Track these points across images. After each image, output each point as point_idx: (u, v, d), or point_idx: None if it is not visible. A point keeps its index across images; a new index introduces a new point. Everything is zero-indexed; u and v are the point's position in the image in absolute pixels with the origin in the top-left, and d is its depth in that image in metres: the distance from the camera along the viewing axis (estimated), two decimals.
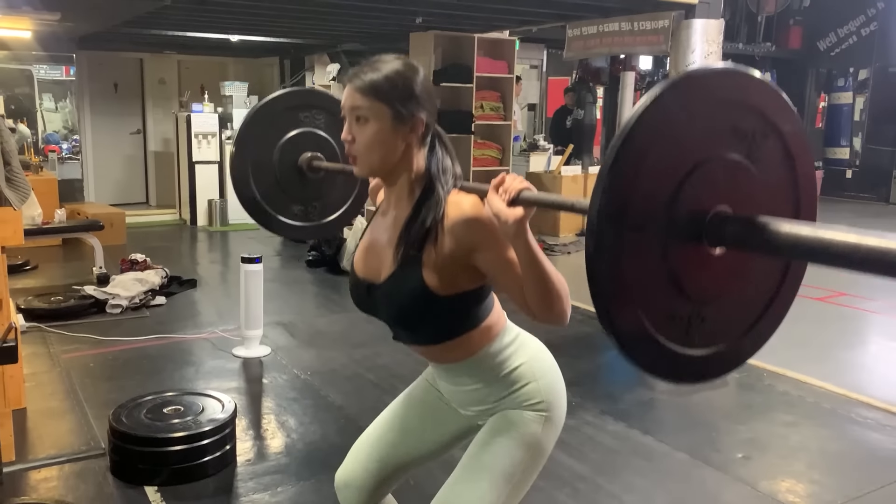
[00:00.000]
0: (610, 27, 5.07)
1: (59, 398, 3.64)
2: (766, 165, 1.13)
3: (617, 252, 1.04)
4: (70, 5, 4.98)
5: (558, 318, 1.39)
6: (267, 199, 2.18)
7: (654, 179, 1.03)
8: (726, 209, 1.09)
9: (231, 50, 9.38)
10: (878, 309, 5.66)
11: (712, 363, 1.20)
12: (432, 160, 1.52)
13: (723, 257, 1.11)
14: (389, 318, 1.57)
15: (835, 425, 3.53)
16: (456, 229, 1.43)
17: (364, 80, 1.47)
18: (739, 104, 1.09)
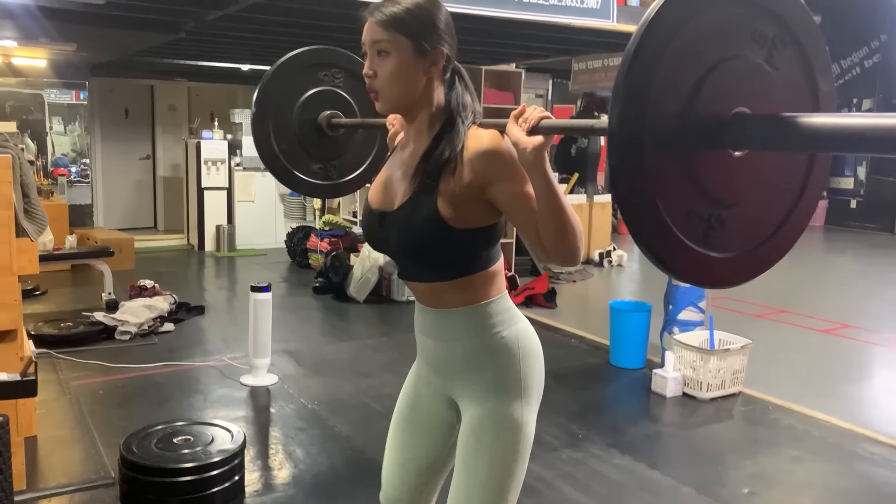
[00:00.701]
0: (615, 61, 5.15)
1: (69, 426, 3.67)
2: (786, 73, 1.14)
3: (637, 150, 1.05)
4: (86, 36, 5.08)
5: (572, 254, 1.40)
6: (287, 156, 2.20)
7: (672, 77, 1.04)
8: (746, 111, 1.10)
9: (241, 78, 9.52)
10: (882, 341, 5.67)
11: (730, 268, 1.22)
12: (452, 95, 1.53)
13: (743, 161, 1.12)
14: (399, 246, 1.55)
15: (841, 461, 3.54)
16: (475, 161, 1.44)
17: (385, 13, 1.47)
18: (759, 7, 1.10)
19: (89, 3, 3.75)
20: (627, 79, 1.03)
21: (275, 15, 4.09)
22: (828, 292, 7.41)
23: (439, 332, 1.62)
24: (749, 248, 1.22)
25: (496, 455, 1.55)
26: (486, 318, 1.57)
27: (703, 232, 1.15)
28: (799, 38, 1.15)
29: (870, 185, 12.18)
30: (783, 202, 1.24)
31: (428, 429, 1.73)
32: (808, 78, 1.18)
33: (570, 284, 7.34)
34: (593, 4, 3.87)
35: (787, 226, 1.25)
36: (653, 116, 1.05)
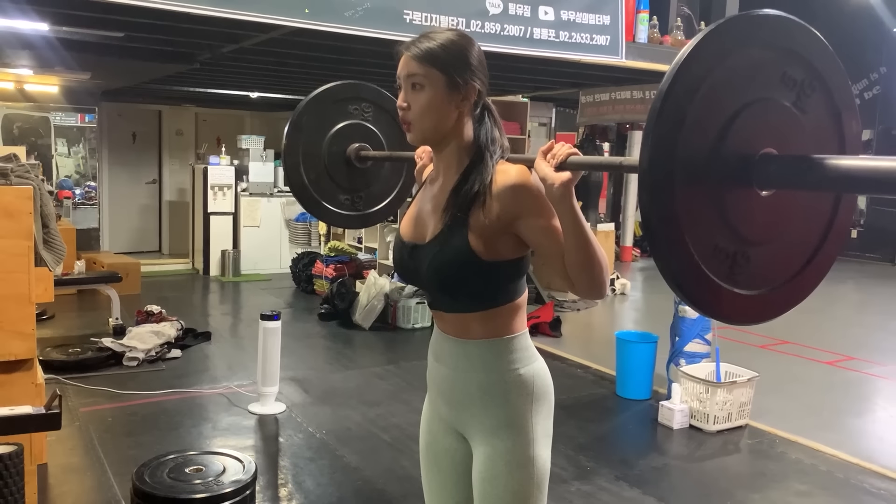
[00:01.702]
0: (622, 95, 5.23)
1: (80, 454, 3.68)
2: (814, 116, 1.16)
3: (666, 186, 1.07)
4: (102, 66, 5.16)
5: (598, 287, 1.42)
6: (316, 186, 2.25)
7: (703, 116, 1.06)
8: (774, 151, 1.12)
9: (248, 105, 9.62)
10: (886, 374, 5.69)
11: (755, 305, 1.23)
12: (482, 130, 1.57)
13: (770, 200, 1.13)
14: (430, 278, 1.58)
15: (848, 496, 3.54)
16: (503, 195, 1.48)
17: (420, 48, 1.52)
18: (789, 52, 1.12)
19: (108, 35, 3.82)
20: (658, 118, 1.05)
21: (289, 48, 4.16)
22: (831, 323, 7.43)
23: (457, 361, 1.64)
24: (775, 286, 1.24)
25: (513, 495, 1.57)
26: (507, 354, 1.59)
27: (729, 269, 1.17)
28: (826, 83, 1.17)
29: (871, 215, 12.26)
30: (809, 241, 1.26)
31: (451, 466, 1.75)
32: (835, 121, 1.21)
33: (575, 313, 7.37)
34: (602, 42, 3.95)
35: (813, 265, 1.27)
36: (682, 155, 1.08)
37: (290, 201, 9.23)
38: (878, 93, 11.82)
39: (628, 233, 10.90)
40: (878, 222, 12.00)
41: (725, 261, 1.17)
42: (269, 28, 3.36)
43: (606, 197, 12.14)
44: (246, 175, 9.06)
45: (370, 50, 4.12)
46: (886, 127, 11.86)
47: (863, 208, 12.59)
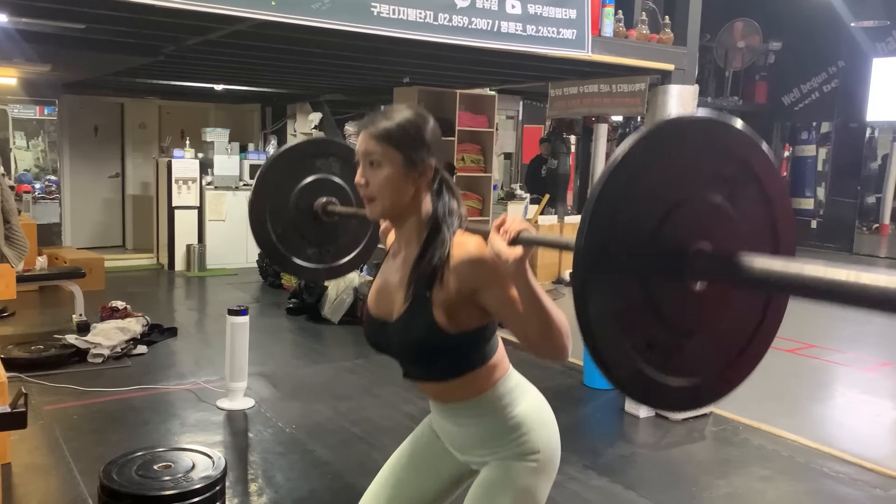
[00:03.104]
0: (589, 88, 5.27)
1: (44, 453, 3.63)
2: (746, 209, 1.20)
3: (601, 283, 1.10)
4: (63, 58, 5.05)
5: (559, 353, 1.46)
6: (283, 241, 2.26)
7: (636, 215, 1.10)
8: (706, 246, 1.15)
9: (213, 97, 9.49)
10: (845, 361, 5.84)
11: (690, 394, 1.25)
12: (439, 203, 1.61)
13: (703, 293, 1.16)
14: (402, 354, 1.64)
15: (809, 480, 3.64)
16: (460, 269, 1.52)
17: (378, 128, 1.57)
18: (720, 150, 1.16)
19: (69, 28, 3.74)
20: (594, 215, 1.08)
21: (255, 41, 4.12)
22: (791, 312, 7.52)
23: (453, 419, 1.71)
24: (709, 375, 1.27)
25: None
26: (497, 402, 1.65)
27: (664, 360, 1.19)
28: (758, 177, 1.21)
29: (829, 205, 12.52)
30: (743, 330, 1.28)
31: (429, 477, 1.80)
32: (767, 211, 1.24)
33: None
34: (569, 35, 3.97)
35: (747, 353, 1.30)
36: (617, 250, 1.10)
37: None
38: (837, 86, 12.07)
39: None
40: (837, 212, 12.27)
41: (660, 353, 1.19)
42: (235, 20, 3.32)
43: (573, 190, 12.25)
44: (211, 168, 8.95)
45: (338, 42, 4.09)
46: (844, 120, 12.12)
47: (822, 199, 12.86)
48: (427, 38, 3.54)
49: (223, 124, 9.88)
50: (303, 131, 9.14)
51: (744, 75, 12.61)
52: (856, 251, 11.93)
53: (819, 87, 12.33)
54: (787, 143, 13.33)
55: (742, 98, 12.44)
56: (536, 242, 1.41)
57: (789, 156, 13.35)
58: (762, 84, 12.81)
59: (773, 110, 12.87)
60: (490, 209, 6.97)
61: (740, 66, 12.45)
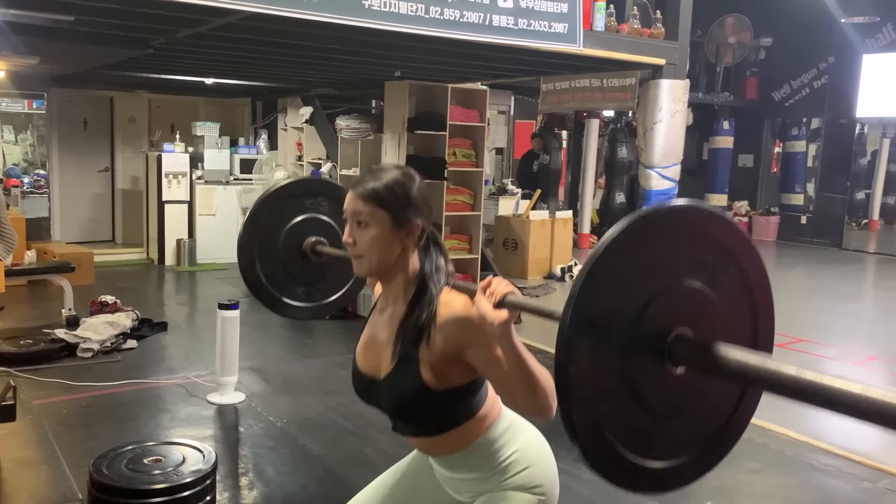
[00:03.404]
0: (581, 83, 5.28)
1: (33, 447, 3.61)
2: (726, 292, 1.23)
3: (583, 364, 1.12)
4: (51, 51, 5.02)
5: (544, 412, 1.46)
6: (272, 281, 2.28)
7: (619, 301, 1.13)
8: (687, 332, 1.17)
9: (203, 91, 9.45)
10: (834, 355, 5.88)
11: (671, 475, 1.27)
12: (426, 261, 1.62)
13: (683, 376, 1.18)
14: (390, 411, 1.66)
15: (798, 473, 3.66)
16: (447, 328, 1.53)
17: (366, 188, 1.58)
18: (699, 236, 1.20)
19: (57, 20, 3.72)
20: (581, 293, 1.10)
21: (246, 34, 4.10)
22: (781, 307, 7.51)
23: (449, 469, 1.72)
24: (689, 455, 1.28)
25: None
26: (490, 447, 1.65)
27: (646, 444, 1.21)
28: (737, 259, 1.24)
29: (819, 201, 12.59)
30: (725, 404, 1.30)
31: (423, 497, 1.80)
32: (747, 291, 1.27)
33: (534, 299, 7.43)
34: (560, 29, 3.98)
35: (731, 424, 1.32)
36: (602, 330, 1.12)
37: (246, 189, 9.12)
38: (827, 82, 12.12)
39: (586, 220, 11.03)
40: (827, 208, 12.34)
41: (640, 437, 1.20)
42: (226, 13, 3.31)
43: (565, 185, 12.26)
44: (201, 162, 8.91)
45: (329, 36, 4.08)
46: (834, 116, 12.18)
47: (812, 195, 12.93)
48: (418, 32, 3.53)
49: (213, 118, 9.83)
50: (293, 125, 9.11)
51: (735, 71, 12.65)
52: (845, 246, 12.00)
53: (809, 83, 12.38)
54: (778, 139, 13.39)
55: (733, 94, 12.48)
56: (522, 307, 1.41)
57: (779, 152, 13.42)
58: (753, 80, 12.86)
59: (763, 106, 12.92)
60: (481, 204, 6.97)
61: (731, 61, 12.50)
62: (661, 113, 4.59)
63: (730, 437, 1.32)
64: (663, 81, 4.58)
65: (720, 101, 12.23)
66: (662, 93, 4.59)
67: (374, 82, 6.83)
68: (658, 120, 4.59)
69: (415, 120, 6.38)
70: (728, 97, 12.34)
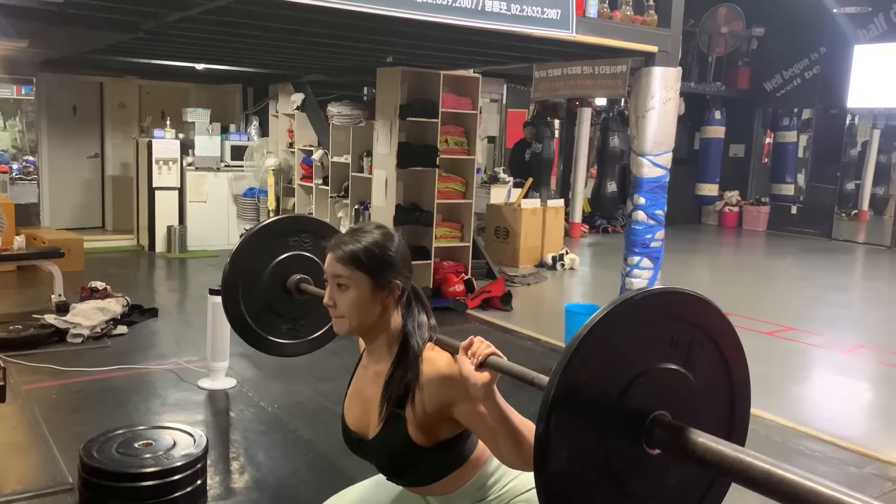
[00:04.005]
0: (572, 70, 5.27)
1: (23, 431, 3.60)
2: (702, 370, 1.25)
3: (562, 439, 1.13)
4: (40, 34, 4.97)
5: (530, 466, 1.48)
6: (256, 319, 2.29)
7: (600, 382, 1.14)
8: (665, 414, 1.19)
9: (194, 77, 9.39)
10: (823, 343, 5.92)
11: None
12: (408, 318, 1.63)
13: (659, 457, 1.20)
14: (381, 468, 1.68)
15: (784, 458, 3.66)
16: (431, 386, 1.54)
17: (345, 251, 1.59)
18: (675, 318, 1.22)
19: (47, 2, 3.68)
20: (556, 391, 1.11)
21: (238, 17, 4.07)
22: (771, 296, 7.68)
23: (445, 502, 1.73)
24: None
25: None
26: (486, 481, 1.68)
27: None
28: (713, 337, 1.26)
29: (809, 191, 12.64)
30: (696, 490, 1.32)
31: None
32: (723, 369, 1.29)
33: (525, 287, 7.45)
34: (553, 15, 3.96)
35: None
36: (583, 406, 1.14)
37: (237, 176, 9.08)
38: (818, 72, 12.14)
39: (577, 209, 11.04)
40: (817, 198, 12.39)
41: None
42: None
43: (557, 174, 12.27)
44: (192, 149, 8.86)
45: (320, 20, 4.06)
46: (825, 106, 12.21)
47: (802, 185, 12.98)
48: (410, 16, 3.52)
49: (204, 105, 9.77)
50: (284, 112, 9.07)
51: (727, 61, 12.66)
52: (835, 236, 12.06)
53: (801, 73, 12.40)
54: (769, 130, 13.42)
55: (725, 84, 12.50)
56: (503, 370, 1.42)
57: (771, 142, 13.45)
58: (745, 70, 12.86)
59: (755, 96, 12.94)
60: (473, 192, 6.97)
61: (723, 51, 12.50)
62: (653, 100, 4.59)
63: None
64: (655, 69, 4.58)
65: (712, 90, 12.24)
66: (654, 80, 4.59)
67: (366, 69, 6.80)
68: (650, 107, 4.59)
69: (406, 107, 6.36)
70: (720, 87, 12.35)
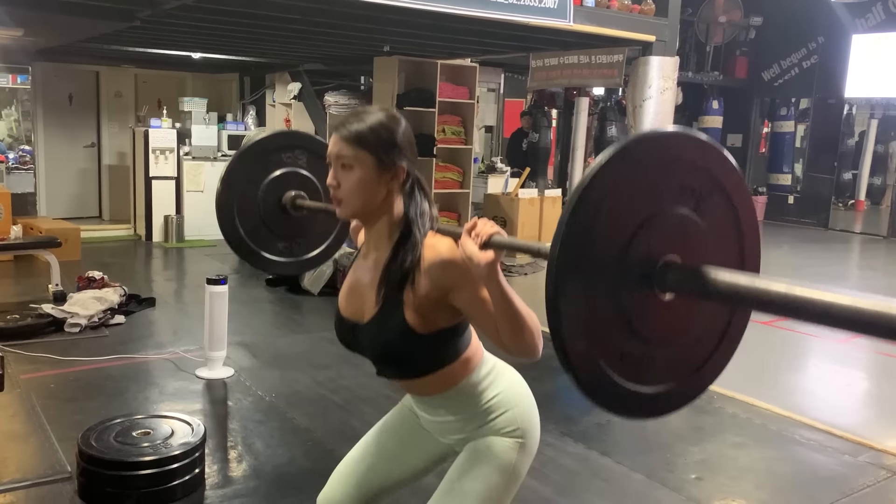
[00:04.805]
0: (569, 59, 5.27)
1: (21, 420, 3.61)
2: (713, 218, 1.23)
3: (573, 295, 1.12)
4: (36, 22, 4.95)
5: (530, 352, 1.48)
6: (252, 236, 2.25)
7: (607, 230, 1.12)
8: (675, 258, 1.18)
9: (190, 65, 9.36)
10: (818, 333, 5.93)
11: (662, 401, 1.29)
12: (411, 205, 1.61)
13: (672, 303, 1.19)
14: (374, 355, 1.65)
15: (781, 447, 3.72)
16: (432, 271, 1.52)
17: (350, 130, 1.56)
18: (686, 163, 1.20)
19: None
20: (566, 232, 1.10)
21: (233, 6, 4.06)
22: None
23: (432, 411, 1.73)
24: (682, 379, 1.30)
25: (484, 478, 1.65)
26: (472, 390, 1.66)
27: (637, 371, 1.22)
28: (723, 186, 1.25)
29: (806, 181, 12.65)
30: (712, 333, 1.32)
31: (412, 447, 1.82)
32: (733, 218, 1.28)
33: (522, 277, 7.46)
34: (550, 4, 3.96)
35: (718, 352, 1.33)
36: (590, 260, 1.12)
37: None
38: (816, 62, 12.12)
39: None
40: (813, 188, 12.40)
41: (633, 364, 1.22)
42: None
43: (554, 163, 12.25)
44: (188, 138, 8.84)
45: (317, 9, 4.04)
46: (822, 96, 12.20)
47: (799, 175, 12.98)
48: (407, 5, 3.51)
49: (201, 94, 9.74)
50: (281, 101, 9.05)
51: (724, 50, 12.63)
52: (831, 226, 12.08)
53: (799, 62, 12.38)
54: (766, 119, 13.41)
55: (722, 73, 12.47)
56: (508, 246, 1.41)
57: (768, 131, 13.44)
58: (742, 59, 12.84)
59: (752, 86, 12.92)
60: (470, 182, 6.98)
61: (721, 41, 12.47)
62: (650, 90, 4.59)
63: (717, 363, 1.33)
64: (653, 58, 4.57)
65: (709, 80, 12.22)
66: (652, 69, 4.59)
67: (363, 58, 6.79)
68: (647, 97, 4.59)
69: (404, 96, 6.35)
70: (717, 77, 12.33)
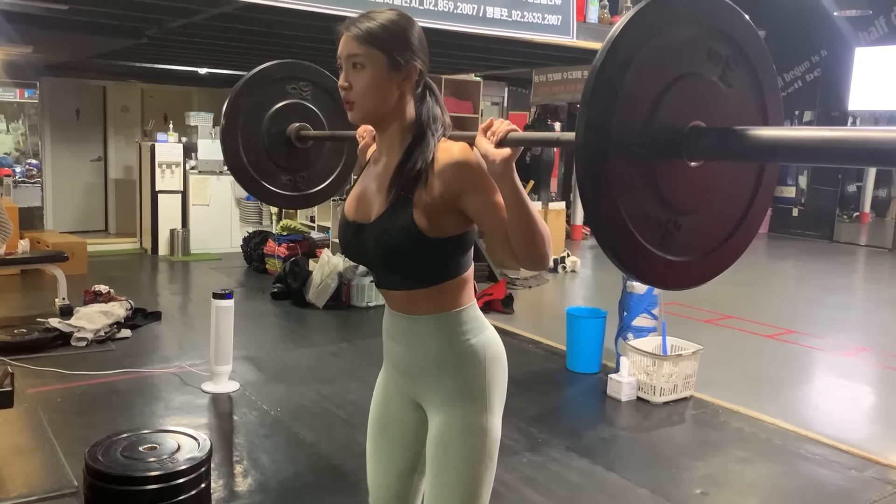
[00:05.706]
0: (573, 75, 5.30)
1: (28, 435, 3.63)
2: (738, 90, 1.23)
3: (602, 164, 1.13)
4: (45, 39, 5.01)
5: (541, 259, 1.46)
6: (256, 168, 2.24)
7: (634, 93, 1.12)
8: (701, 124, 1.18)
9: (197, 80, 9.43)
10: (823, 346, 5.93)
11: (686, 270, 1.30)
12: (423, 108, 1.58)
13: (699, 171, 1.20)
14: (377, 256, 1.60)
15: (786, 461, 3.71)
16: (445, 173, 1.49)
17: (361, 28, 1.52)
18: (714, 29, 1.19)
19: (51, 8, 3.72)
20: (593, 94, 1.10)
21: (240, 24, 4.11)
22: (772, 298, 7.70)
23: (409, 338, 1.67)
24: (704, 253, 1.31)
25: (465, 461, 1.62)
26: (457, 326, 1.63)
27: (662, 236, 1.23)
28: (749, 58, 1.25)
29: (811, 194, 12.65)
30: (735, 210, 1.33)
31: (402, 433, 1.79)
32: (758, 94, 1.28)
33: (527, 290, 7.47)
34: (554, 21, 4.00)
35: (739, 232, 1.35)
36: (616, 129, 1.12)
37: None
38: (819, 75, 12.16)
39: (579, 211, 11.05)
40: (818, 201, 12.40)
41: (658, 229, 1.22)
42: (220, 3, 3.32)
43: (558, 176, 12.29)
44: (194, 152, 8.90)
45: (323, 26, 4.09)
46: (826, 108, 12.22)
47: (804, 188, 12.99)
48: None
49: (207, 108, 9.80)
50: None
51: None
52: (836, 239, 12.07)
53: (802, 75, 12.42)
54: None
55: None
56: (525, 141, 1.40)
57: None
58: None
59: None
60: None
61: None
62: None
63: (739, 242, 1.34)
64: None
65: None
66: None
67: None
68: None
69: None
70: None
